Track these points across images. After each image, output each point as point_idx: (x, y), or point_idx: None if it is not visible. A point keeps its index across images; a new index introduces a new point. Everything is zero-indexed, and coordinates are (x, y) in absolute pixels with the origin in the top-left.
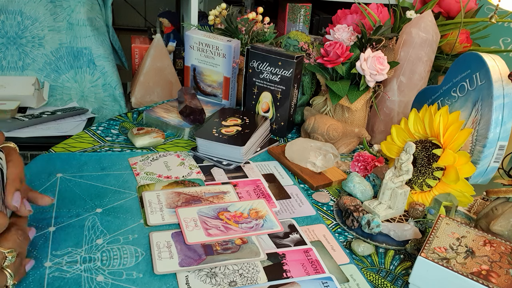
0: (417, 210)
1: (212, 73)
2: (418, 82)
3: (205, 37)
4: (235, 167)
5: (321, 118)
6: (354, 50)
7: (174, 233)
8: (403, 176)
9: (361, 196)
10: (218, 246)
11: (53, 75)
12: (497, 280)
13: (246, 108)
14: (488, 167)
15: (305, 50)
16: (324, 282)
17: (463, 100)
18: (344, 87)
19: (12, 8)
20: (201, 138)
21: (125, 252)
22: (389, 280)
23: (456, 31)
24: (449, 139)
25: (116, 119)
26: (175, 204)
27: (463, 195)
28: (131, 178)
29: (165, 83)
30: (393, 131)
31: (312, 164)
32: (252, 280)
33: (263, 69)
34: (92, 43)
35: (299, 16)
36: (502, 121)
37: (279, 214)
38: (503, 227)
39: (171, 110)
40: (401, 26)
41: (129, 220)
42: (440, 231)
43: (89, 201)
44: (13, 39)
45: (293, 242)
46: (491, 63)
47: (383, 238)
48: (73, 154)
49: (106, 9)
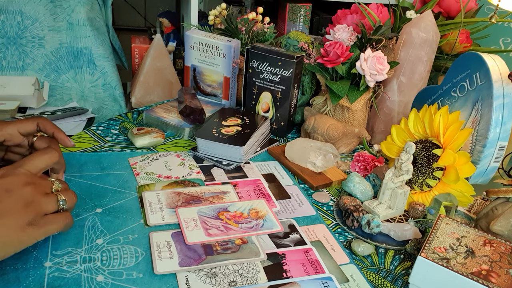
0: (417, 210)
1: (212, 73)
2: (418, 82)
3: (205, 37)
4: (235, 167)
5: (321, 118)
6: (354, 50)
7: (174, 233)
8: (403, 176)
9: (361, 196)
10: (218, 246)
11: (53, 75)
12: (497, 280)
13: (246, 108)
14: (488, 167)
15: (305, 50)
16: (324, 282)
17: (463, 100)
18: (344, 87)
19: (12, 8)
20: (201, 138)
21: (125, 252)
22: (389, 280)
23: (456, 31)
24: (449, 139)
25: (116, 119)
26: (175, 204)
27: (463, 195)
28: (131, 178)
29: (165, 83)
30: (393, 131)
31: (312, 164)
32: (252, 280)
33: (263, 69)
34: (92, 43)
35: (299, 16)
36: (502, 121)
37: (279, 214)
38: (503, 227)
39: (171, 110)
40: (401, 26)
41: (129, 220)
42: (440, 231)
43: (89, 201)
44: (13, 39)
45: (293, 242)
46: (491, 63)
47: (383, 238)
48: (73, 154)
49: (106, 9)
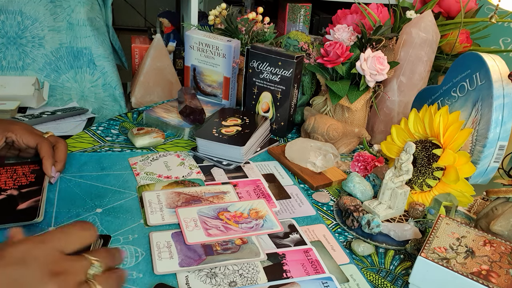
0: (417, 210)
1: (212, 73)
2: (418, 82)
3: (205, 37)
4: (235, 167)
5: (321, 118)
6: (354, 50)
7: (174, 233)
8: (403, 176)
9: (361, 196)
10: (218, 246)
11: (53, 75)
12: (497, 280)
13: (246, 108)
14: (488, 167)
15: (305, 50)
16: (324, 282)
17: (463, 100)
18: (344, 87)
19: (12, 8)
20: (201, 138)
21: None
22: (389, 280)
23: (456, 31)
24: (449, 139)
25: (116, 119)
26: (175, 204)
27: (463, 195)
28: (131, 178)
29: (165, 83)
30: (393, 131)
31: (312, 164)
32: (252, 280)
33: (263, 69)
34: (92, 43)
35: (299, 16)
36: (502, 121)
37: (279, 214)
38: (503, 227)
39: (171, 110)
40: (401, 26)
41: (129, 220)
42: (440, 231)
43: (89, 201)
44: (13, 39)
45: (293, 242)
46: (491, 63)
47: (383, 238)
48: (73, 154)
49: (106, 9)
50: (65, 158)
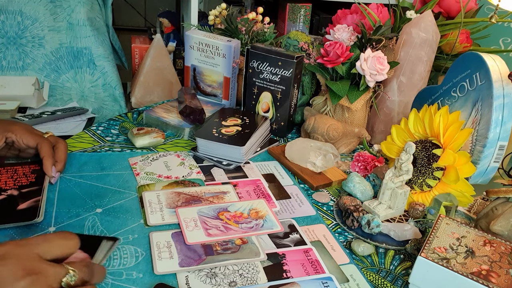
0: (417, 210)
1: (212, 73)
2: (418, 82)
3: (205, 37)
4: (235, 167)
5: (321, 118)
6: (354, 50)
7: (174, 233)
8: (403, 176)
9: (361, 196)
10: (218, 246)
11: (53, 75)
12: (497, 280)
13: (246, 108)
14: (488, 167)
15: (305, 50)
16: (324, 282)
17: (463, 100)
18: (344, 87)
19: (12, 8)
20: (201, 138)
21: (125, 252)
22: (389, 280)
23: (456, 31)
24: (449, 139)
25: (116, 119)
26: (175, 204)
27: (463, 195)
28: (131, 178)
29: (165, 83)
30: (393, 131)
31: (312, 164)
32: (252, 280)
33: (263, 69)
34: (92, 43)
35: (299, 16)
36: (502, 121)
37: (279, 214)
38: (503, 227)
39: (171, 110)
40: (401, 26)
41: (129, 220)
42: (440, 231)
43: (89, 201)
44: (13, 39)
45: (293, 242)
46: (491, 63)
47: (383, 238)
48: (73, 154)
49: (106, 9)
50: (65, 158)
